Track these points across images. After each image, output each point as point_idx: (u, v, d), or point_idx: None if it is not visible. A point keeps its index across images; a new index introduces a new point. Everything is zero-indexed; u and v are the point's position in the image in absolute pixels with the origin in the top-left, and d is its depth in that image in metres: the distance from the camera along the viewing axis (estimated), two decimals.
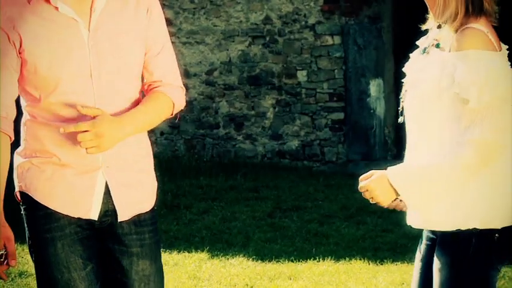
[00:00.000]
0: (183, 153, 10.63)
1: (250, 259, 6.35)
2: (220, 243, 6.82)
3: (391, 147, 10.05)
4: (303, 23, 10.11)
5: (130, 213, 2.94)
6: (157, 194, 3.08)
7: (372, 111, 9.84)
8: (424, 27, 2.86)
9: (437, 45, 2.74)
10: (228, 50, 10.47)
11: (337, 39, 9.98)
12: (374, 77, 9.86)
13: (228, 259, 6.37)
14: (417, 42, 2.88)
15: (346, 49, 9.86)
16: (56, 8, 2.87)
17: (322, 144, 10.08)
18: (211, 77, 10.57)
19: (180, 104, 3.11)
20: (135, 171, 2.99)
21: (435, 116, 2.67)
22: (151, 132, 10.99)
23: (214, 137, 10.60)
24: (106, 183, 2.92)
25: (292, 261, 6.29)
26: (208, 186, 8.71)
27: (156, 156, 3.22)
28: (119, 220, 2.93)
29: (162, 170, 9.30)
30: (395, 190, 2.67)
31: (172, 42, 12.02)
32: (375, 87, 9.86)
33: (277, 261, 6.29)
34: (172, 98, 3.07)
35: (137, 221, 2.96)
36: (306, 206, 7.97)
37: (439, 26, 2.74)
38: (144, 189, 3.01)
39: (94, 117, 2.83)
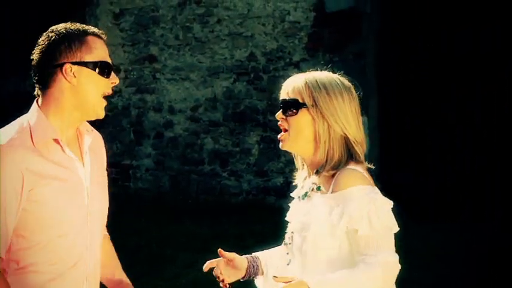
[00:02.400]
0: (168, 190, 10.62)
1: None
2: None
3: (376, 183, 10.06)
4: (288, 60, 10.14)
5: None
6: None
7: None
8: (296, 179, 3.07)
9: (318, 188, 2.91)
10: (212, 86, 10.49)
11: None
12: None
13: None
14: (292, 194, 3.07)
15: None
16: (63, 149, 2.86)
17: None
18: (196, 114, 10.58)
19: None
20: None
21: (331, 252, 2.84)
22: (136, 169, 10.77)
23: (199, 173, 10.59)
24: None
25: None
26: (193, 235, 8.64)
27: (141, 193, 3.30)
28: None
29: (147, 212, 9.24)
30: None
31: (157, 79, 11.97)
32: None
33: None
34: None
35: None
36: None
37: (317, 172, 2.92)
38: None
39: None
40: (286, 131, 2.99)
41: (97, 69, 2.84)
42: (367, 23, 9.96)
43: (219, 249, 3.16)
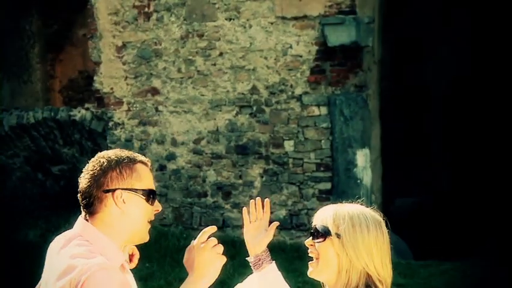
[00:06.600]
0: (171, 222, 10.62)
1: None
2: None
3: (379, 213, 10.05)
4: (290, 93, 10.18)
5: None
6: None
7: (358, 181, 9.87)
8: None
9: None
10: (215, 119, 10.52)
11: (323, 110, 10.05)
12: (361, 147, 9.91)
13: None
14: None
15: (333, 120, 9.92)
16: (126, 269, 2.96)
17: (310, 214, 10.07)
18: (199, 146, 10.60)
19: None
20: None
21: None
22: None
23: (202, 206, 10.60)
24: None
25: None
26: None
27: None
28: None
29: (150, 251, 9.08)
30: None
31: (159, 111, 11.93)
32: (361, 157, 9.90)
33: None
34: None
35: None
36: None
37: None
38: None
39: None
40: (316, 259, 2.95)
41: (145, 197, 2.91)
42: (369, 55, 10.01)
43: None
